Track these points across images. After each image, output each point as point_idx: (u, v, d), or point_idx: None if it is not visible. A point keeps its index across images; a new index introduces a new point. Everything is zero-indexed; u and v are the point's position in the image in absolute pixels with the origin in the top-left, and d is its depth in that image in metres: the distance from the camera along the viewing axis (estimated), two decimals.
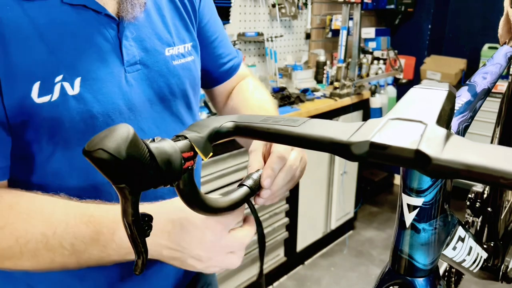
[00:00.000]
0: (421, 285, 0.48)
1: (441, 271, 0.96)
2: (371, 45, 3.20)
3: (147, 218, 0.41)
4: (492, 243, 0.84)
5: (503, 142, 0.90)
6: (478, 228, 0.91)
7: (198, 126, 0.45)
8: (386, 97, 3.02)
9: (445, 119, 0.38)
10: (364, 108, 2.67)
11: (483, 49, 3.09)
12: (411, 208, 0.45)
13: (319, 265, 2.59)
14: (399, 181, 0.46)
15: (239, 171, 1.92)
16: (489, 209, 0.90)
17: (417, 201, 0.45)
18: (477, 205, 0.92)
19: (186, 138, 0.42)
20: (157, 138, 0.39)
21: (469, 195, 0.94)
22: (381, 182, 3.48)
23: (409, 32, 3.41)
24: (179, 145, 0.41)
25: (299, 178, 0.65)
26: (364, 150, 0.34)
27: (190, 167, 0.42)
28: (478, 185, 0.94)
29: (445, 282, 1.01)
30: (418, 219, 0.46)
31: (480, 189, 0.94)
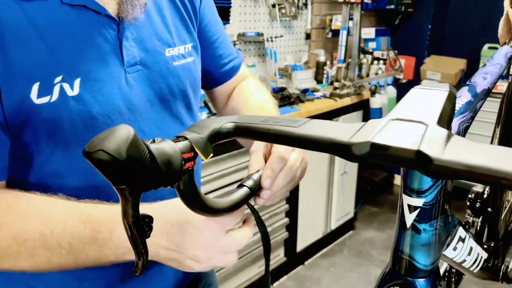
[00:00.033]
0: (421, 286, 0.48)
1: (441, 271, 0.96)
2: (371, 45, 3.20)
3: (147, 219, 0.41)
4: (492, 243, 0.84)
5: (503, 142, 0.90)
6: (478, 228, 0.91)
7: (198, 127, 0.45)
8: (386, 97, 3.02)
9: (446, 119, 0.38)
10: (364, 108, 2.67)
11: (483, 49, 3.09)
12: (411, 208, 0.45)
13: (319, 265, 2.59)
14: (399, 181, 0.46)
15: (239, 171, 1.92)
16: (489, 209, 0.90)
17: (417, 201, 0.45)
18: (477, 205, 0.92)
19: (186, 139, 0.42)
20: (157, 139, 0.39)
21: (469, 195, 0.93)
22: (381, 182, 3.48)
23: (409, 32, 3.41)
24: (180, 146, 0.41)
25: (300, 179, 0.64)
26: (365, 151, 0.34)
27: (190, 168, 0.42)
28: (478, 185, 0.94)
29: (445, 283, 1.01)
30: (418, 219, 0.45)
31: (480, 189, 0.94)
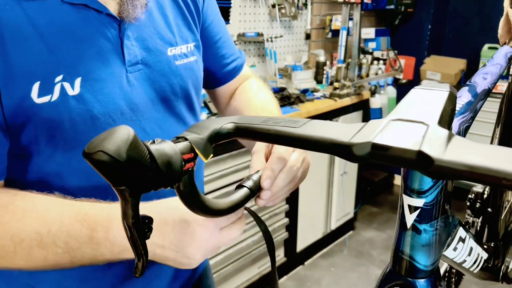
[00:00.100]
0: (422, 286, 0.48)
1: (441, 272, 0.96)
2: (371, 45, 3.19)
3: (147, 220, 0.41)
4: (492, 244, 0.84)
5: (503, 142, 0.90)
6: (478, 229, 0.91)
7: (198, 128, 0.45)
8: (386, 98, 3.02)
9: (447, 120, 0.38)
10: (364, 108, 2.67)
11: (483, 49, 3.09)
12: (412, 209, 0.45)
13: (319, 266, 2.59)
14: (400, 181, 0.46)
15: (239, 171, 1.91)
16: (489, 209, 0.90)
17: (418, 202, 0.45)
18: (477, 205, 0.92)
19: (186, 139, 0.42)
20: (157, 140, 0.39)
21: (469, 195, 0.93)
22: (381, 183, 3.48)
23: (409, 33, 3.41)
24: (179, 146, 0.41)
25: (301, 179, 0.64)
26: (366, 151, 0.34)
27: (190, 168, 0.42)
28: (478, 185, 0.94)
29: (445, 283, 1.01)
30: (419, 220, 0.45)
31: (480, 189, 0.94)
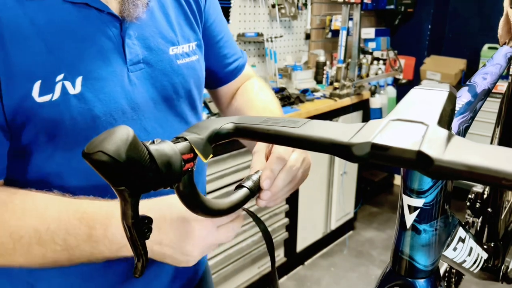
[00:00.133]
0: (422, 286, 0.48)
1: (441, 272, 0.96)
2: (371, 45, 3.19)
3: (147, 221, 0.41)
4: (492, 244, 0.84)
5: (503, 142, 0.90)
6: (478, 229, 0.91)
7: (198, 128, 0.45)
8: (386, 98, 3.02)
9: (446, 120, 0.38)
10: (364, 108, 2.67)
11: (483, 49, 3.09)
12: (411, 209, 0.45)
13: (319, 266, 2.59)
14: (399, 181, 0.46)
15: (239, 171, 1.91)
16: (489, 209, 0.90)
17: (417, 202, 0.45)
18: (477, 205, 0.92)
19: (186, 139, 0.42)
20: (156, 140, 0.39)
21: (469, 195, 0.93)
22: (381, 183, 3.48)
23: (409, 33, 3.41)
24: (179, 147, 0.41)
25: (302, 179, 0.63)
26: (366, 152, 0.34)
27: (190, 169, 0.42)
28: (478, 185, 0.94)
29: (445, 283, 1.01)
30: (418, 220, 0.45)
31: (480, 189, 0.94)
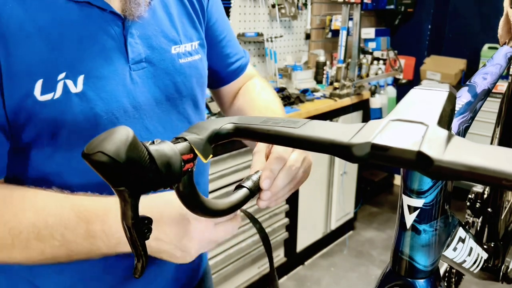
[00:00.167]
0: (421, 286, 0.48)
1: (441, 272, 0.96)
2: (371, 45, 3.19)
3: (146, 221, 0.41)
4: (493, 244, 0.84)
5: (503, 142, 0.90)
6: (478, 229, 0.91)
7: (197, 128, 0.45)
8: (386, 98, 3.02)
9: (446, 120, 0.38)
10: (364, 108, 2.67)
11: (483, 49, 3.09)
12: (411, 209, 0.45)
13: (319, 266, 2.59)
14: (399, 181, 0.46)
15: (239, 171, 1.91)
16: (489, 209, 0.90)
17: (417, 202, 0.45)
18: (477, 205, 0.92)
19: (185, 140, 0.42)
20: (156, 141, 0.39)
21: (469, 195, 0.93)
22: (381, 183, 3.48)
23: (409, 32, 3.41)
24: (179, 147, 0.41)
25: (303, 179, 0.63)
26: (366, 152, 0.34)
27: (190, 169, 0.42)
28: (478, 185, 0.94)
29: (445, 283, 1.01)
30: (418, 220, 0.45)
31: (480, 189, 0.94)
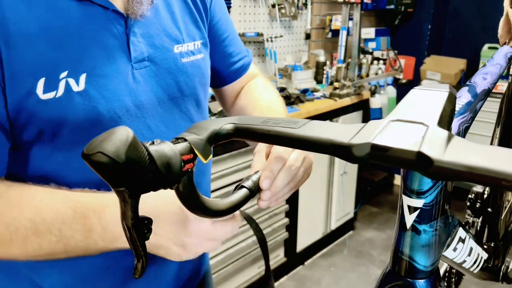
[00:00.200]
0: (421, 287, 0.48)
1: (441, 272, 0.96)
2: (371, 45, 3.19)
3: (146, 221, 0.41)
4: (493, 244, 0.84)
5: (503, 142, 0.90)
6: (478, 229, 0.91)
7: (197, 128, 0.45)
8: (386, 98, 3.02)
9: (446, 120, 0.37)
10: (364, 108, 2.67)
11: (483, 49, 3.09)
12: (411, 209, 0.45)
13: (319, 266, 2.59)
14: (399, 181, 0.46)
15: (239, 171, 1.91)
16: (489, 209, 0.90)
17: (417, 202, 0.45)
18: (477, 205, 0.92)
19: (185, 140, 0.42)
20: (156, 141, 0.39)
21: (469, 195, 0.93)
22: (381, 183, 3.48)
23: (409, 32, 3.41)
24: (179, 147, 0.41)
25: (303, 178, 0.63)
26: (366, 152, 0.34)
27: (190, 169, 0.42)
28: (478, 185, 0.94)
29: (445, 283, 1.01)
30: (418, 220, 0.45)
31: (480, 189, 0.94)
